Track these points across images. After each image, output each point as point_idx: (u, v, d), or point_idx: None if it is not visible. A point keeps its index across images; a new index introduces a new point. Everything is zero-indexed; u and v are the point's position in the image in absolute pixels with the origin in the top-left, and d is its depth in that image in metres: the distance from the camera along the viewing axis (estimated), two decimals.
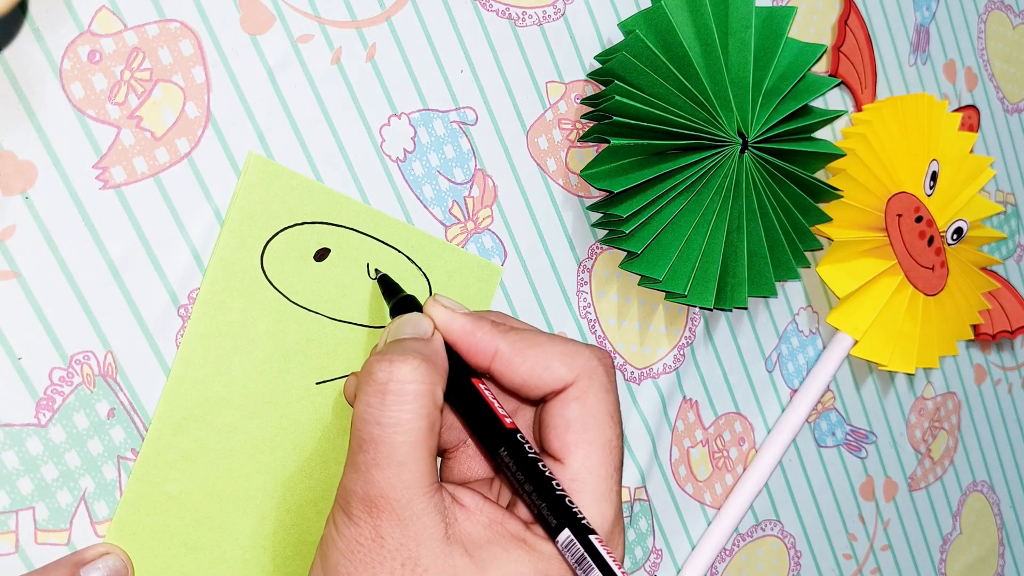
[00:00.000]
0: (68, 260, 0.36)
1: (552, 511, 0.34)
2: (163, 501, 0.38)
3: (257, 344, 0.39)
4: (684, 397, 0.51)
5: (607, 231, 0.47)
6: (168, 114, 0.37)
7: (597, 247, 0.48)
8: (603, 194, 0.47)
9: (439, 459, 0.42)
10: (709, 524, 0.52)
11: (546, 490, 0.35)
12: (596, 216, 0.47)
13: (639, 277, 0.49)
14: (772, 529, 0.55)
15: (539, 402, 0.38)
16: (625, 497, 0.49)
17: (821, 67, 0.54)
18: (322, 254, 0.40)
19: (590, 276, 0.48)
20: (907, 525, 0.60)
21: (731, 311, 0.52)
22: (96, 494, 0.37)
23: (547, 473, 0.35)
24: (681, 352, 0.51)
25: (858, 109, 0.55)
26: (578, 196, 0.47)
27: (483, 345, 0.37)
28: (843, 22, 0.54)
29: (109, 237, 0.37)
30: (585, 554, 0.33)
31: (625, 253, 0.48)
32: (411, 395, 0.34)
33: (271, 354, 0.39)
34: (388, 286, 0.41)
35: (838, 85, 0.54)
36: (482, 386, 0.37)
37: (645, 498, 0.50)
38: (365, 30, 0.41)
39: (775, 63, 0.46)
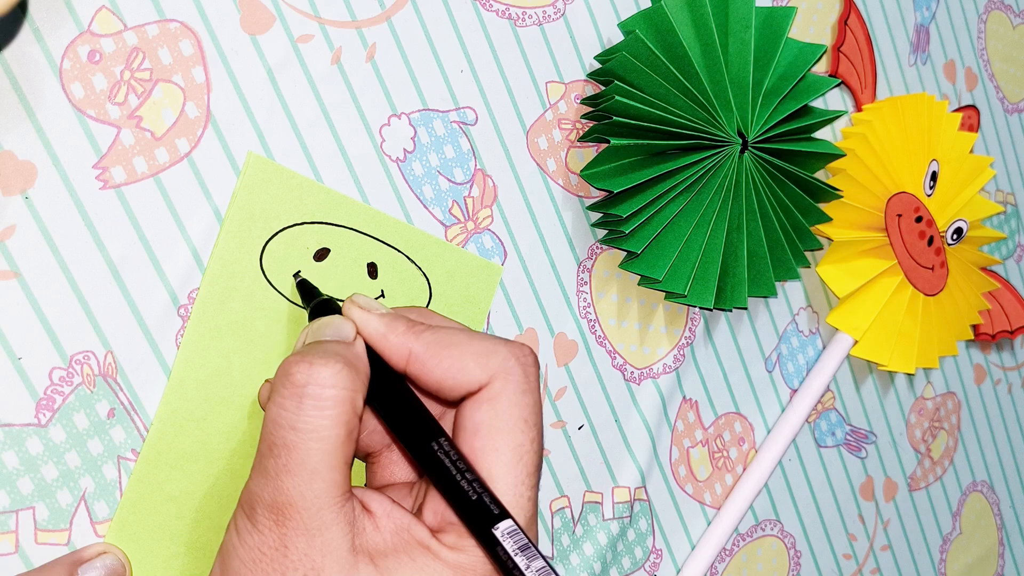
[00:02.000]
0: (68, 260, 0.36)
1: (468, 515, 0.33)
2: (163, 501, 0.38)
3: (257, 344, 0.39)
4: (684, 397, 0.51)
5: (607, 231, 0.47)
6: (168, 114, 0.37)
7: (597, 247, 0.48)
8: (603, 194, 0.47)
9: (364, 463, 0.41)
10: (709, 524, 0.52)
11: (460, 495, 0.33)
12: (596, 216, 0.47)
13: (639, 277, 0.49)
14: (772, 529, 0.55)
15: (457, 406, 0.37)
16: (625, 497, 0.49)
17: (821, 67, 0.54)
18: (322, 254, 0.40)
19: (590, 276, 0.48)
20: (907, 525, 0.61)
21: (731, 311, 0.52)
22: (96, 494, 0.37)
23: (467, 477, 0.33)
24: (681, 352, 0.51)
25: (858, 109, 0.55)
26: (578, 196, 0.47)
27: (396, 347, 0.36)
28: (843, 22, 0.54)
29: (109, 237, 0.37)
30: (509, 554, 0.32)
31: (625, 253, 0.48)
32: (330, 401, 0.33)
33: (271, 354, 0.39)
34: (306, 290, 0.39)
35: (838, 85, 0.54)
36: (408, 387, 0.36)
37: (645, 498, 0.50)
38: (365, 30, 0.41)
39: (775, 63, 0.46)
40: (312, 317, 0.38)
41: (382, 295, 0.42)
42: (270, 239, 0.39)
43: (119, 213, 0.37)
